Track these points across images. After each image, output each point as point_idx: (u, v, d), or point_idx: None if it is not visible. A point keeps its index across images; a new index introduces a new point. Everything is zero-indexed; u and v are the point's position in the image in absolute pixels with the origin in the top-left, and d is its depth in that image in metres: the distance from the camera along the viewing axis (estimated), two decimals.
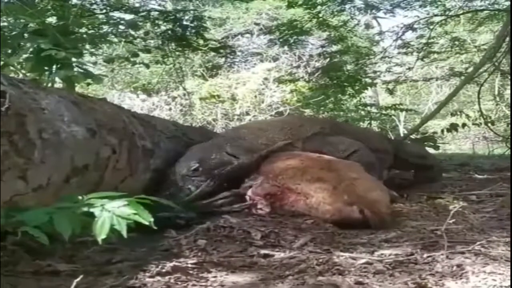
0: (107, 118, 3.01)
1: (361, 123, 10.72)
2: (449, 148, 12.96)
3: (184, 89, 10.97)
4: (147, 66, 7.47)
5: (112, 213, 1.98)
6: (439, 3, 8.98)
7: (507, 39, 7.41)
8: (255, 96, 12.38)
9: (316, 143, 4.18)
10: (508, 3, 8.19)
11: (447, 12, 9.20)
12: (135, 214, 2.00)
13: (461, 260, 2.26)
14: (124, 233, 1.95)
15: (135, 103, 12.93)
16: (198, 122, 12.36)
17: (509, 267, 2.11)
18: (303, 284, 2.01)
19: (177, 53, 8.85)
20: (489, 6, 8.86)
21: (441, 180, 5.10)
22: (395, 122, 13.58)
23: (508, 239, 2.59)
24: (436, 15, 9.28)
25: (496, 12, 8.95)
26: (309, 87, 11.70)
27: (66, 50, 3.68)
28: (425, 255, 2.35)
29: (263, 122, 7.38)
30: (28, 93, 2.38)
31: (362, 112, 11.22)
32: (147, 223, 2.01)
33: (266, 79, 12.40)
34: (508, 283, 1.95)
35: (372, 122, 10.97)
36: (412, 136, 7.55)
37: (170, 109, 12.77)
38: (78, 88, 7.55)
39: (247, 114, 12.21)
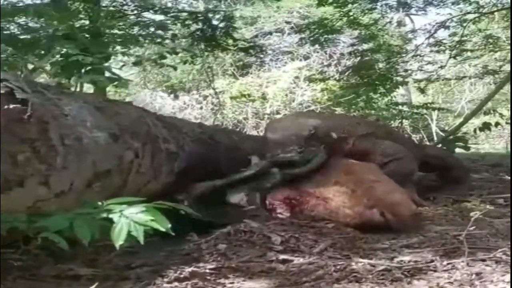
0: (131, 122, 3.05)
1: (392, 122, 10.58)
2: (483, 147, 12.72)
3: (214, 89, 11.02)
4: (175, 68, 7.54)
5: (130, 220, 2.01)
6: (471, 0, 8.82)
7: None
8: (286, 95, 12.39)
9: (366, 143, 4.18)
10: None
11: (480, 9, 9.03)
12: (152, 220, 2.02)
13: (482, 268, 2.24)
14: (141, 239, 1.98)
15: (167, 102, 13.09)
16: (229, 121, 12.42)
17: None
18: None
19: (206, 53, 8.90)
20: None
21: (467, 181, 4.98)
22: (427, 121, 13.40)
23: None
24: (469, 13, 9.12)
25: None
26: (340, 86, 11.62)
27: (93, 55, 3.75)
28: (445, 262, 2.33)
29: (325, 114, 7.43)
30: (52, 99, 2.43)
31: (394, 111, 11.10)
32: (164, 229, 2.03)
33: (297, 77, 12.40)
34: None
35: (404, 121, 10.83)
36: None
37: (201, 108, 12.87)
38: (110, 88, 7.69)
39: (278, 113, 12.22)
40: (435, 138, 11.74)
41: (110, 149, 2.69)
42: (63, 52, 4.21)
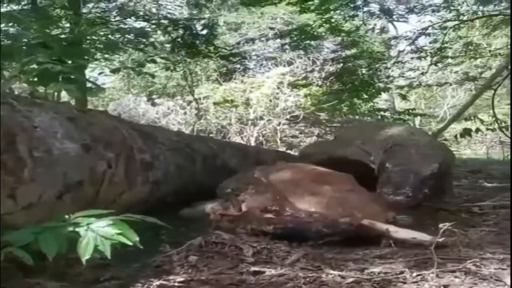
0: (105, 132, 3.04)
1: None
2: (464, 152, 12.81)
3: (193, 95, 11.03)
4: (153, 76, 7.53)
5: (96, 234, 1.99)
6: (452, 8, 8.90)
7: None
8: (270, 100, 12.39)
9: None
10: None
11: (460, 17, 9.12)
12: (119, 234, 2.01)
13: (450, 279, 2.24)
14: (108, 253, 1.96)
15: (150, 107, 13.02)
16: (213, 126, 12.41)
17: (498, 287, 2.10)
18: None
19: (188, 60, 8.90)
20: (503, 11, 8.73)
21: (452, 189, 4.96)
22: None
23: (502, 256, 2.56)
24: (449, 20, 9.21)
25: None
26: (323, 91, 11.68)
27: (63, 64, 3.71)
28: (414, 274, 2.33)
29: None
30: (21, 111, 2.41)
31: (377, 117, 11.17)
32: (131, 243, 2.02)
33: (280, 83, 12.41)
34: None
35: None
36: None
37: (185, 113, 12.85)
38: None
39: (261, 118, 12.24)
40: None
41: (82, 160, 2.67)
42: (36, 61, 4.17)
